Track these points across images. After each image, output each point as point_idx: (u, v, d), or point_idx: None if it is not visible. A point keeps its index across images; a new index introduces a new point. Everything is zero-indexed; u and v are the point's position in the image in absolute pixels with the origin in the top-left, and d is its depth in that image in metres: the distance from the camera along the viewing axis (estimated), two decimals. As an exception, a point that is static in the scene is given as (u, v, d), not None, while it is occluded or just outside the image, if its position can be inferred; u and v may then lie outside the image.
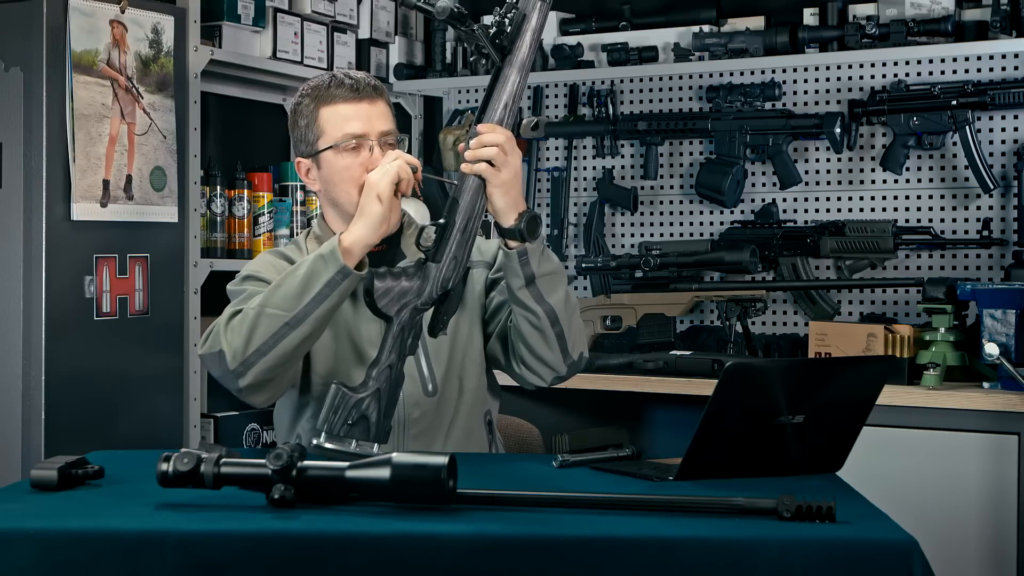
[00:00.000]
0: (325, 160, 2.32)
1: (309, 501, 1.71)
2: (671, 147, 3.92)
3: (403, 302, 2.07)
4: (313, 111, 2.32)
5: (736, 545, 1.58)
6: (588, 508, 1.71)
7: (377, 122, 2.31)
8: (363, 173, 2.26)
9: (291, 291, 2.12)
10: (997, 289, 3.11)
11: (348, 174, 2.29)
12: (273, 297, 2.13)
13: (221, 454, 1.74)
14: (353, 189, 2.27)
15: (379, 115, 2.32)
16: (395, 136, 2.35)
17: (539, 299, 2.19)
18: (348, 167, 2.29)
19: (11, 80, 2.91)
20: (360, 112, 2.30)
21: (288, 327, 2.11)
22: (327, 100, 2.31)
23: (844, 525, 1.62)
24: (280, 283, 2.15)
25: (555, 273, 2.20)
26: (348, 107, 2.30)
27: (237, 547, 1.59)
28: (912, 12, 3.51)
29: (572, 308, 2.25)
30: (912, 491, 3.04)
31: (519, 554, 1.58)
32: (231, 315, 2.19)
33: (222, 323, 2.18)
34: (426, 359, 2.32)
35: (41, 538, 1.60)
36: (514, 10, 2.09)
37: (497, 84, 2.12)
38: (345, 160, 2.30)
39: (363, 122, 2.30)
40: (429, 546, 1.59)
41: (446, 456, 1.69)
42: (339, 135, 2.29)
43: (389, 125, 2.33)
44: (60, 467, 1.84)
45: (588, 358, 2.34)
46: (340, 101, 2.30)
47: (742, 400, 1.85)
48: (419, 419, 2.31)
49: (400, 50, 4.17)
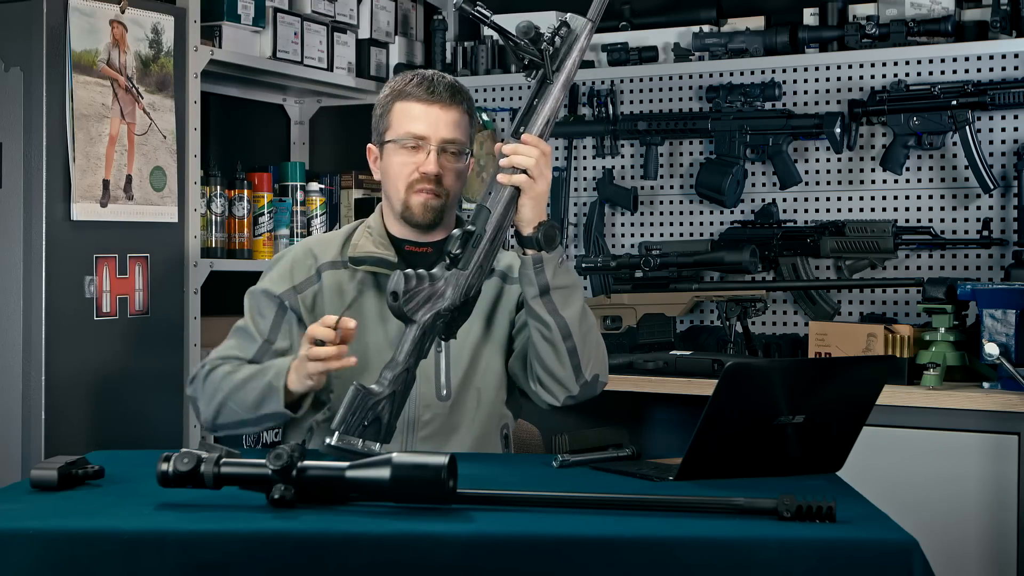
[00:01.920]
0: (386, 152, 2.38)
1: (309, 501, 1.71)
2: (671, 147, 3.92)
3: (427, 306, 2.08)
4: (389, 103, 2.38)
5: (736, 545, 1.58)
6: (588, 508, 1.71)
7: (443, 128, 2.34)
8: (414, 172, 2.34)
9: (247, 401, 2.26)
10: (997, 289, 3.11)
11: (401, 171, 2.35)
12: (235, 395, 2.28)
13: (221, 454, 1.74)
14: (402, 186, 2.35)
15: (448, 122, 2.34)
16: (461, 147, 2.36)
17: (552, 311, 2.20)
18: (403, 164, 2.35)
19: (11, 80, 2.91)
20: (429, 114, 2.34)
21: (245, 424, 2.31)
22: (403, 96, 2.36)
23: (844, 525, 1.62)
24: (242, 384, 2.27)
25: (571, 287, 2.21)
26: (419, 107, 2.34)
27: (237, 547, 1.59)
28: (912, 12, 3.51)
29: (588, 327, 2.25)
30: (912, 491, 3.04)
31: (519, 554, 1.58)
32: (210, 370, 2.34)
33: (201, 377, 2.35)
34: (446, 363, 2.32)
35: (41, 538, 1.60)
36: (566, 27, 2.16)
37: (541, 97, 2.18)
38: (401, 157, 2.35)
39: (428, 125, 2.33)
40: (429, 546, 1.59)
41: (446, 456, 1.69)
42: (402, 131, 2.35)
43: (455, 134, 2.35)
44: (60, 467, 1.84)
45: (606, 383, 2.33)
46: (413, 99, 2.35)
47: (742, 400, 1.85)
48: (429, 421, 2.31)
49: (400, 50, 4.17)
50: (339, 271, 2.39)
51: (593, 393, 2.31)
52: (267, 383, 2.23)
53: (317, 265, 2.40)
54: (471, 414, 2.35)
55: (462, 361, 2.34)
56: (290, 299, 2.39)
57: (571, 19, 2.17)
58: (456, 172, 2.36)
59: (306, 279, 2.40)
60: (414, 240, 2.40)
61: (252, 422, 2.29)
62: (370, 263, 2.36)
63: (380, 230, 2.41)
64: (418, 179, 2.33)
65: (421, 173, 2.32)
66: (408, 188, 2.34)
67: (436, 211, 2.34)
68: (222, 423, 2.33)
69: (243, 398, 2.27)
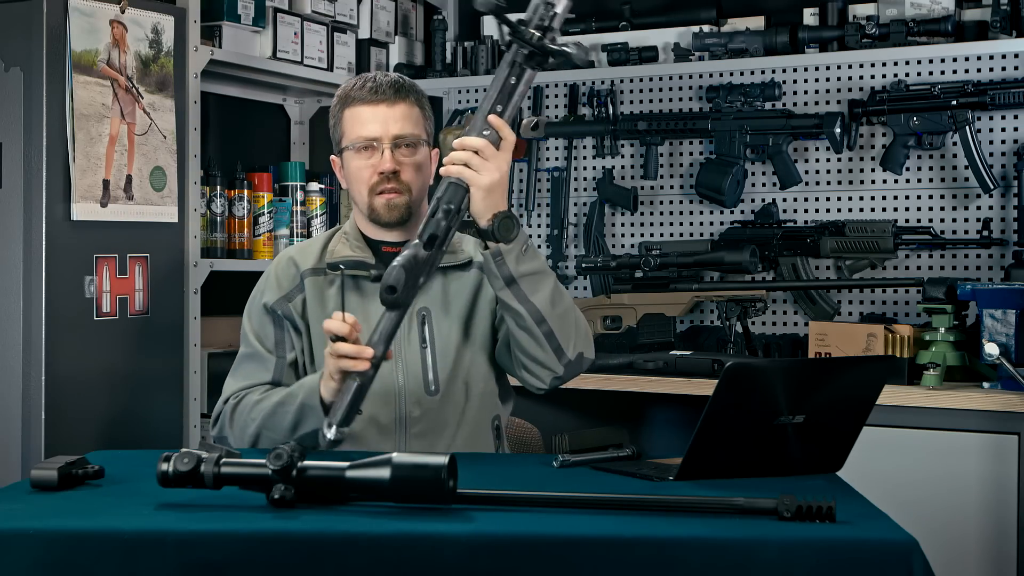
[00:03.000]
0: (345, 159, 2.41)
1: (309, 501, 1.71)
2: (671, 147, 3.92)
3: (414, 291, 2.09)
4: (339, 112, 2.41)
5: (736, 545, 1.58)
6: (588, 508, 1.71)
7: (392, 125, 2.35)
8: (373, 175, 2.35)
9: (283, 426, 2.25)
10: (997, 289, 3.11)
11: (360, 175, 2.38)
12: (269, 423, 2.28)
13: (221, 454, 1.74)
14: (364, 190, 2.37)
15: (396, 118, 2.35)
16: (415, 139, 2.36)
17: (522, 300, 2.19)
18: (360, 168, 2.37)
19: (11, 80, 2.91)
20: (376, 115, 2.35)
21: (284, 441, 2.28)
22: (349, 102, 2.38)
23: (844, 525, 1.62)
24: (274, 410, 2.27)
25: (537, 273, 2.19)
26: (366, 109, 2.36)
27: (237, 547, 1.59)
28: (912, 12, 3.51)
29: (564, 308, 2.23)
30: (912, 491, 3.04)
31: (519, 554, 1.58)
32: (235, 405, 2.35)
33: (227, 413, 2.35)
34: (432, 358, 2.33)
35: (41, 538, 1.60)
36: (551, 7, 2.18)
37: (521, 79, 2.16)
38: (358, 161, 2.37)
39: (377, 125, 2.35)
40: (429, 546, 1.59)
41: (446, 456, 1.69)
42: (354, 136, 2.37)
43: (405, 128, 2.36)
44: (60, 467, 1.84)
45: (592, 359, 2.33)
46: (359, 103, 2.37)
47: (742, 400, 1.85)
48: (420, 418, 2.32)
49: (400, 50, 4.17)
50: (319, 278, 2.41)
51: (580, 370, 2.30)
52: (300, 404, 2.23)
53: (300, 272, 2.42)
54: (461, 407, 2.35)
55: (448, 355, 2.34)
56: (282, 308, 2.40)
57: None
58: (414, 165, 2.36)
59: (293, 287, 2.41)
60: (390, 240, 2.41)
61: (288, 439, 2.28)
62: (348, 266, 2.36)
63: (356, 234, 2.43)
64: (377, 180, 2.35)
65: (379, 174, 2.34)
66: (370, 191, 2.36)
67: (400, 208, 2.36)
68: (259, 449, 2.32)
69: (278, 423, 2.27)
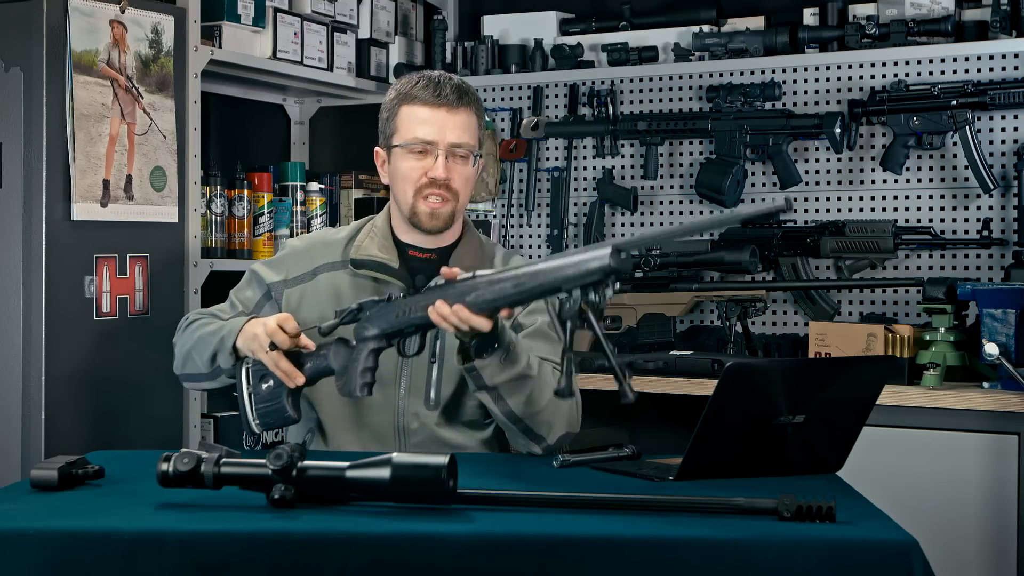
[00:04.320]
0: (394, 156, 2.36)
1: (309, 501, 1.71)
2: (671, 147, 3.92)
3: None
4: (395, 106, 2.36)
5: (736, 545, 1.58)
6: (588, 508, 1.71)
7: (450, 132, 2.31)
8: (422, 177, 2.31)
9: (205, 354, 2.31)
10: (997, 289, 3.11)
11: (409, 176, 2.33)
12: (197, 347, 2.33)
13: (221, 454, 1.74)
14: (410, 191, 2.33)
15: (456, 125, 2.31)
16: (470, 150, 2.33)
17: (497, 400, 2.17)
18: (410, 169, 2.33)
19: (11, 80, 2.91)
20: (436, 118, 2.31)
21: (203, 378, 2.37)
22: (409, 99, 2.33)
23: (844, 525, 1.62)
24: (205, 336, 2.32)
25: (515, 379, 2.14)
26: (425, 111, 2.31)
27: (237, 547, 1.59)
28: (912, 12, 3.51)
29: (542, 404, 2.18)
30: (912, 491, 3.04)
31: (519, 554, 1.58)
32: (187, 324, 2.42)
33: (182, 327, 2.44)
34: (438, 374, 2.29)
35: (41, 538, 1.60)
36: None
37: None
38: (409, 162, 2.33)
39: (435, 129, 2.31)
40: (429, 546, 1.59)
41: (446, 456, 1.69)
42: (409, 136, 2.32)
43: (463, 138, 2.32)
44: (60, 467, 1.84)
45: (576, 433, 2.29)
46: (419, 103, 2.32)
47: (742, 400, 1.85)
48: (418, 430, 2.31)
49: (400, 50, 4.17)
50: (338, 272, 2.39)
51: (562, 444, 2.27)
52: (220, 338, 2.27)
53: (315, 265, 2.40)
54: (460, 425, 2.34)
55: (454, 374, 2.29)
56: (276, 291, 2.41)
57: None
58: (465, 176, 2.33)
59: (300, 275, 2.40)
60: (419, 246, 2.38)
61: (208, 376, 2.33)
62: (371, 267, 2.35)
63: (385, 231, 2.39)
64: (426, 184, 2.31)
65: (429, 178, 2.30)
66: (416, 193, 2.32)
67: (444, 217, 2.33)
68: (186, 374, 2.39)
69: (202, 349, 2.31)
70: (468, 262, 2.34)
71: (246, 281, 2.47)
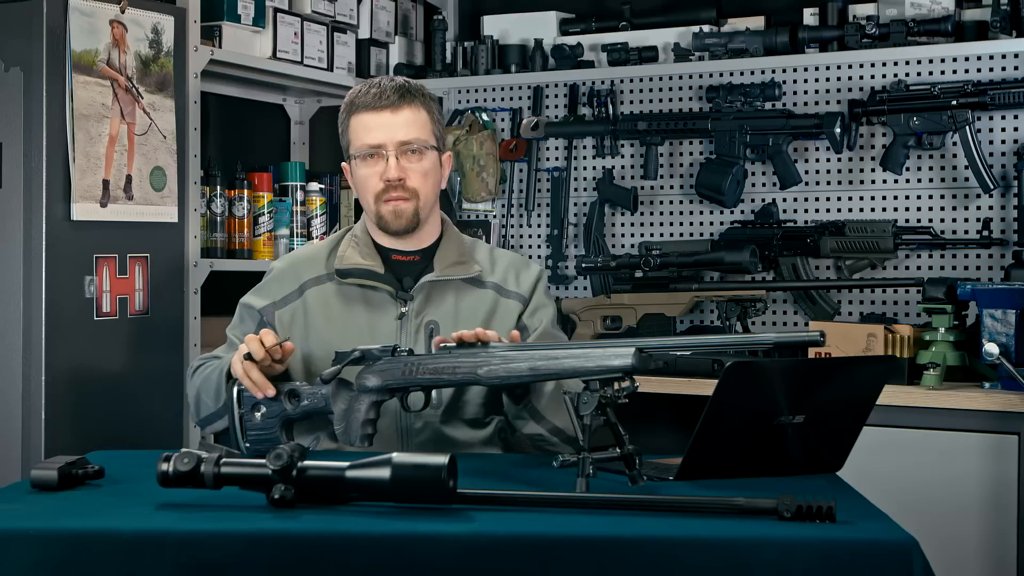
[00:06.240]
0: (353, 167, 2.39)
1: (309, 501, 1.71)
2: (671, 147, 3.92)
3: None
4: (346, 120, 2.38)
5: (736, 545, 1.58)
6: (588, 508, 1.71)
7: (397, 131, 2.32)
8: (379, 183, 2.33)
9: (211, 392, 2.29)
10: (997, 289, 3.11)
11: (366, 183, 2.36)
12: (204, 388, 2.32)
13: (221, 454, 1.74)
14: (371, 198, 2.35)
15: (401, 124, 2.32)
16: (421, 144, 2.33)
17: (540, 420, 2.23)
18: (366, 177, 2.35)
19: (11, 80, 2.91)
20: (380, 122, 2.32)
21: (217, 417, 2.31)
22: (354, 109, 2.36)
23: (844, 525, 1.62)
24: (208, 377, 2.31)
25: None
26: (370, 116, 2.33)
27: (237, 547, 1.59)
28: (912, 12, 3.51)
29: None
30: (912, 491, 3.04)
31: (519, 554, 1.58)
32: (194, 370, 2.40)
33: (188, 376, 2.43)
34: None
35: (41, 538, 1.60)
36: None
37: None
38: (365, 169, 2.35)
39: (382, 132, 2.32)
40: (429, 546, 1.59)
41: (446, 456, 1.69)
42: (359, 144, 2.35)
43: (411, 134, 2.33)
44: (60, 467, 1.84)
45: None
46: (364, 111, 2.34)
47: (742, 400, 1.85)
48: (422, 430, 2.31)
49: (400, 50, 4.17)
50: (324, 285, 2.39)
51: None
52: (220, 372, 2.27)
53: (300, 283, 2.40)
54: (464, 424, 2.34)
55: None
56: (267, 315, 2.40)
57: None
58: (421, 171, 2.34)
59: (286, 295, 2.39)
60: (400, 249, 2.39)
61: (219, 415, 2.32)
62: (356, 275, 2.35)
63: (366, 239, 2.40)
64: (383, 188, 2.33)
65: (384, 181, 2.32)
66: (377, 199, 2.34)
67: (407, 215, 2.33)
68: (202, 418, 2.36)
69: (208, 388, 2.31)
70: (452, 259, 2.38)
71: (238, 317, 2.45)
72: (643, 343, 1.87)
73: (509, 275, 2.41)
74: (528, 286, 2.41)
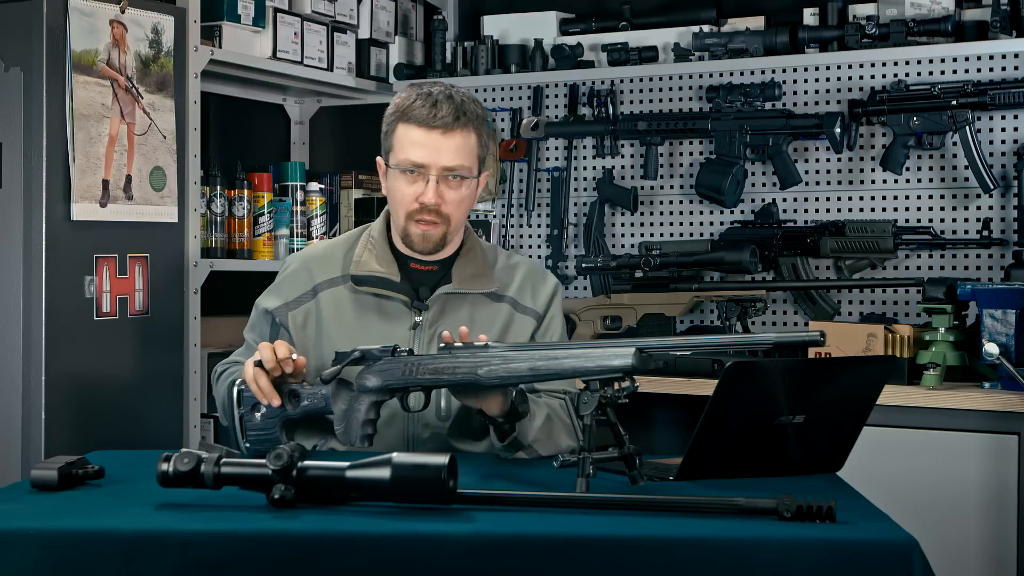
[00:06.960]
0: (390, 174, 2.32)
1: (309, 501, 1.71)
2: (671, 147, 3.92)
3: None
4: (393, 122, 2.31)
5: (736, 545, 1.58)
6: (588, 508, 1.71)
7: (444, 156, 2.25)
8: (413, 203, 2.28)
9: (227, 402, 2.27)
10: (997, 289, 3.11)
11: (401, 200, 2.30)
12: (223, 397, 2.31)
13: (221, 454, 1.74)
14: (402, 213, 2.30)
15: (450, 148, 2.25)
16: (465, 172, 2.28)
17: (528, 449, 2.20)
18: (403, 194, 2.29)
19: (11, 80, 2.91)
20: (430, 140, 2.25)
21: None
22: (405, 117, 2.28)
23: (844, 525, 1.62)
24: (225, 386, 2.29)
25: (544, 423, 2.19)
26: (419, 132, 2.26)
27: (237, 547, 1.59)
28: (912, 12, 3.51)
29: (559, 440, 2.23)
30: (912, 491, 3.04)
31: (519, 554, 1.58)
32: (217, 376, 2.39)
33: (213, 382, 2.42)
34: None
35: (41, 538, 1.60)
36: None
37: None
38: (402, 185, 2.29)
39: (428, 152, 2.25)
40: (429, 546, 1.59)
41: (446, 456, 1.69)
42: (402, 157, 2.28)
43: (458, 160, 2.27)
44: (60, 467, 1.84)
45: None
46: (415, 123, 2.26)
47: (742, 400, 1.85)
48: (428, 439, 2.30)
49: (400, 50, 4.17)
50: (338, 288, 2.36)
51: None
52: (231, 381, 2.26)
53: (314, 283, 2.37)
54: (471, 434, 2.33)
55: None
56: (280, 316, 2.38)
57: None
58: (458, 199, 2.29)
59: (300, 296, 2.37)
60: (419, 258, 2.36)
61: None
62: (372, 283, 2.32)
63: (383, 243, 2.36)
64: (417, 209, 2.28)
65: (420, 203, 2.27)
66: (408, 217, 2.29)
67: (435, 239, 2.30)
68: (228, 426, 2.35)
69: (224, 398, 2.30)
70: (470, 272, 2.35)
71: (253, 320, 2.43)
72: (643, 343, 1.87)
73: (526, 289, 2.39)
74: (544, 302, 2.39)
